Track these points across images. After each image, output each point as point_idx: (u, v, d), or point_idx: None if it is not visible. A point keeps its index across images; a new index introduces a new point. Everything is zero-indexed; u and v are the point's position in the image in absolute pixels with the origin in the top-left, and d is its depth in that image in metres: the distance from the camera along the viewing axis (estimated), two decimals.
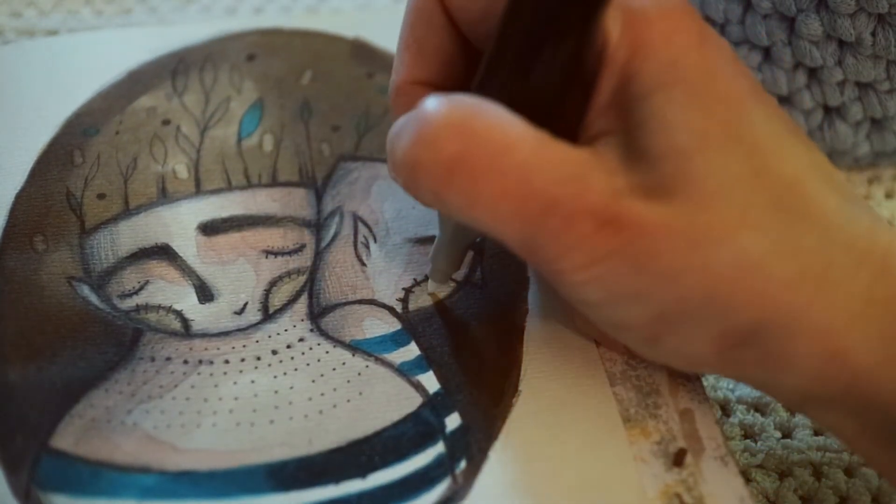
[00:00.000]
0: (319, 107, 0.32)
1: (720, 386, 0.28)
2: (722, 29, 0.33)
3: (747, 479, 0.26)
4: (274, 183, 0.30)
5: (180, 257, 0.28)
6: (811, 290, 0.21)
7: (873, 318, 0.21)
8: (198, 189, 0.30)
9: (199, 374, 0.26)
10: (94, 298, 0.27)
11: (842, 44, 0.30)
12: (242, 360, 0.26)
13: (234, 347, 0.26)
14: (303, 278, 0.28)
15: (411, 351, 0.27)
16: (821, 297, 0.21)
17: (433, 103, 0.21)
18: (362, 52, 0.34)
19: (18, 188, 0.29)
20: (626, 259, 0.21)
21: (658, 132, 0.21)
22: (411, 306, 0.28)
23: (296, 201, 0.30)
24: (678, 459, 0.25)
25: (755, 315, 0.21)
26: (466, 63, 0.24)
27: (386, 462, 0.24)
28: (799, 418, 0.28)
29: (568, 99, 0.22)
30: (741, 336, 0.21)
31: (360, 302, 0.28)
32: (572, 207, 0.20)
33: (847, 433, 0.22)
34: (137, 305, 0.27)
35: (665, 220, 0.20)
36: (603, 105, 0.22)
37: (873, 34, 0.29)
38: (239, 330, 0.27)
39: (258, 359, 0.26)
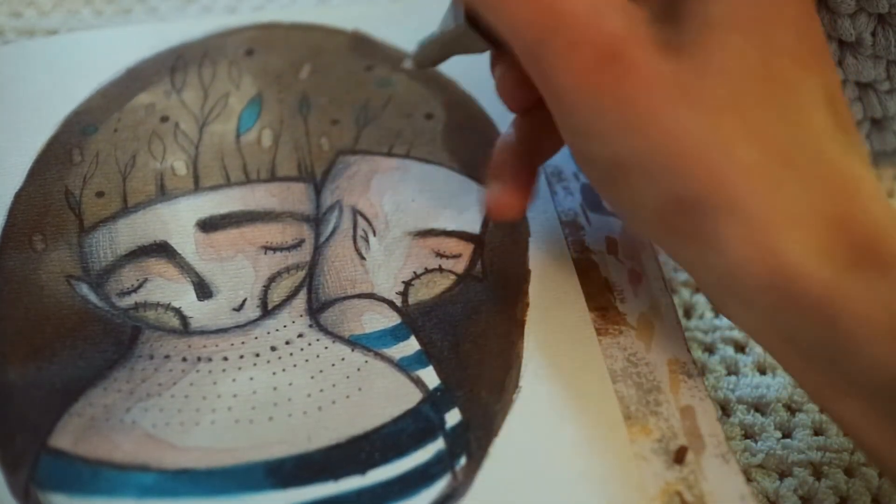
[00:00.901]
0: (318, 101, 0.32)
1: (720, 386, 0.28)
2: None
3: (747, 479, 0.26)
4: (273, 178, 0.30)
5: (179, 254, 0.28)
6: (764, 182, 0.21)
7: (814, 227, 0.21)
8: (196, 186, 0.30)
9: (197, 371, 0.26)
10: (92, 297, 0.27)
11: (842, 44, 0.30)
12: (241, 357, 0.26)
13: (232, 344, 0.26)
14: (302, 273, 0.28)
15: (411, 346, 0.26)
16: (770, 192, 0.21)
17: None
18: (361, 45, 0.34)
19: (17, 187, 0.29)
20: (612, 95, 0.22)
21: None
22: (411, 300, 0.28)
23: (295, 196, 0.30)
24: (679, 457, 0.24)
25: (702, 187, 0.22)
26: None
27: (385, 458, 0.24)
28: (799, 418, 0.28)
29: None
30: (683, 203, 0.22)
31: (360, 296, 0.28)
32: (581, 34, 0.22)
33: (775, 343, 0.23)
34: (136, 303, 0.27)
35: (659, 71, 0.22)
36: None
37: (873, 34, 0.29)
38: (238, 327, 0.27)
39: (257, 356, 0.26)
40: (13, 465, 0.24)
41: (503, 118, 0.30)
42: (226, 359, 0.26)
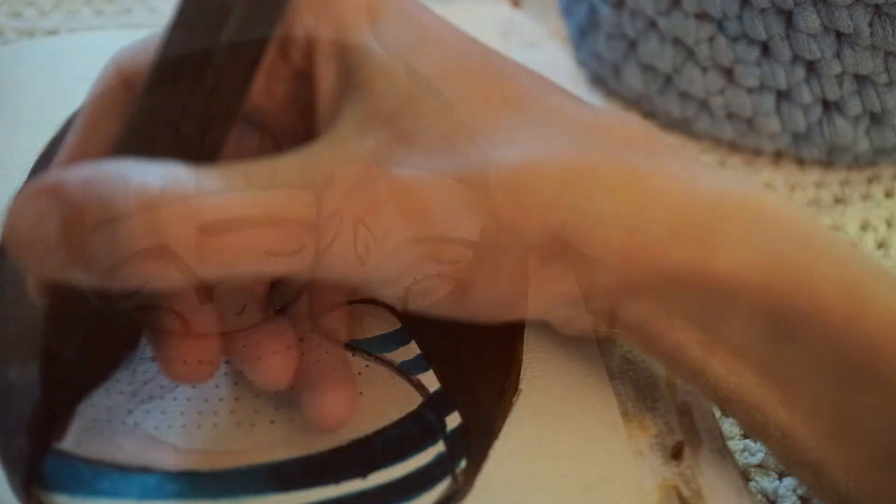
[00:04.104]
0: None
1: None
2: (720, 25, 0.33)
3: (747, 479, 0.26)
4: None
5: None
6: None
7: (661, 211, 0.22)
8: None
9: None
10: (93, 298, 0.27)
11: (839, 36, 0.30)
12: (243, 360, 0.26)
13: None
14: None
15: (411, 350, 0.27)
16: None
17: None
18: None
19: (18, 187, 0.29)
20: (397, 216, 0.22)
21: (388, 90, 0.22)
22: (411, 305, 0.28)
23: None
24: (676, 453, 0.25)
25: (554, 218, 0.21)
26: None
27: (386, 461, 0.24)
28: None
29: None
30: (551, 245, 0.22)
31: (360, 302, 0.28)
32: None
33: (661, 322, 0.23)
34: (137, 305, 0.27)
35: (424, 168, 0.21)
36: (329, 92, 0.23)
37: (871, 25, 0.29)
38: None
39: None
40: (14, 465, 0.23)
41: None
42: (227, 362, 0.26)
